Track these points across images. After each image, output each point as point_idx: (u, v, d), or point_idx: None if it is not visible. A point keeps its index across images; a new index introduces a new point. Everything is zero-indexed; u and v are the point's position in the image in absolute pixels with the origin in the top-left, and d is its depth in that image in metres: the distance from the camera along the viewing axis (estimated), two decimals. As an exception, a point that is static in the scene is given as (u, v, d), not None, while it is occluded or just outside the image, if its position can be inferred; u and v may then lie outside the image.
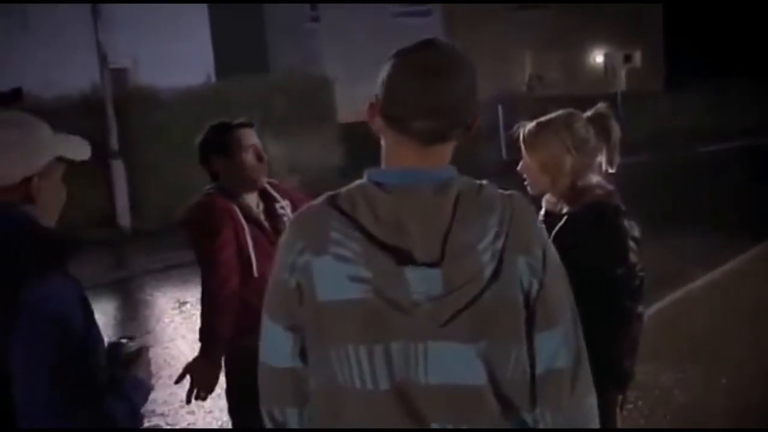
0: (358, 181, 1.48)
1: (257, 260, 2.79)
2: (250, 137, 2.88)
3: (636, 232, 2.35)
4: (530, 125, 2.43)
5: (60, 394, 1.48)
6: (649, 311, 6.21)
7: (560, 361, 1.47)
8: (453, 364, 1.42)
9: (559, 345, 1.47)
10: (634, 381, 4.62)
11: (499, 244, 1.41)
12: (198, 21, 17.01)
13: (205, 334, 2.86)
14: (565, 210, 2.35)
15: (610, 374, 1.50)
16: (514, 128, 2.43)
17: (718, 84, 21.00)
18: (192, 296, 7.29)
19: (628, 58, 22.14)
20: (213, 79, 16.05)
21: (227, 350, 2.90)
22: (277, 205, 2.92)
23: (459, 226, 1.40)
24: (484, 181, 1.49)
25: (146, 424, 4.91)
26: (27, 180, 1.59)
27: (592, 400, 1.54)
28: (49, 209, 1.65)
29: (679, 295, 6.70)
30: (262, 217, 2.91)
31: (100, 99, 11.33)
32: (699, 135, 18.80)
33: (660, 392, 4.64)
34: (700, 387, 4.70)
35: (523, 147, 2.43)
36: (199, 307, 2.96)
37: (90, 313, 1.59)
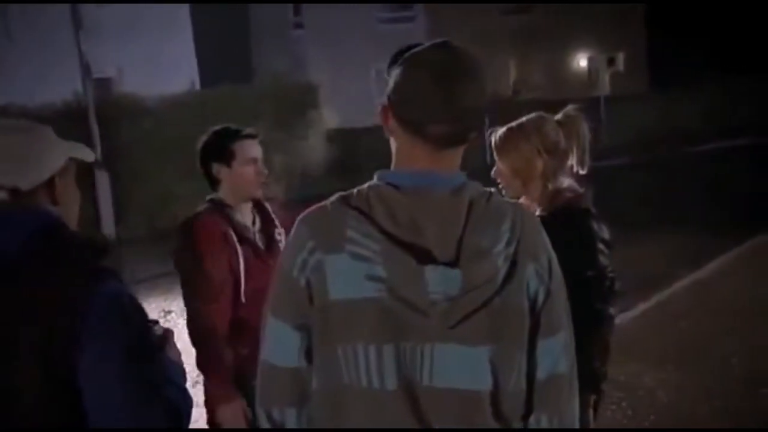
0: (369, 182, 1.48)
1: (247, 282, 2.73)
2: (253, 150, 2.81)
3: (606, 234, 2.37)
4: (501, 130, 2.45)
5: (135, 393, 1.48)
6: (634, 312, 6.26)
7: (561, 367, 1.50)
8: (459, 368, 1.43)
9: (560, 351, 1.50)
10: (618, 382, 4.72)
11: (512, 249, 1.43)
12: (182, 29, 17.00)
13: (210, 375, 2.75)
14: (537, 213, 2.37)
15: (583, 376, 1.53)
16: (487, 134, 2.44)
17: (701, 85, 21.17)
18: (177, 305, 7.26)
19: (611, 62, 22.33)
20: (197, 86, 16.02)
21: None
22: (276, 231, 2.86)
23: (473, 230, 1.42)
24: (492, 189, 1.51)
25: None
26: (50, 181, 1.59)
27: (577, 401, 1.57)
28: (70, 211, 1.65)
29: (664, 296, 6.75)
30: (257, 236, 2.85)
31: (83, 108, 11.30)
32: (683, 137, 18.93)
33: (644, 393, 4.66)
34: (683, 387, 4.73)
35: (495, 152, 2.45)
36: (183, 315, 2.92)
37: (142, 308, 1.59)
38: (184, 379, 1.71)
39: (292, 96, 14.40)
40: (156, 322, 1.74)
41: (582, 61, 23.36)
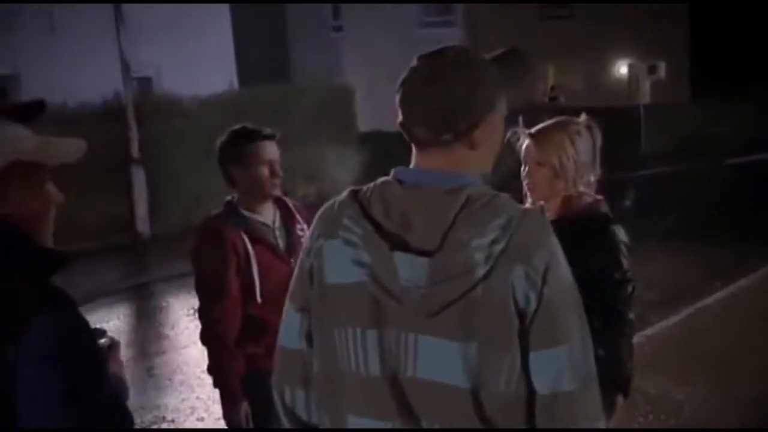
0: (383, 177, 1.54)
1: (263, 284, 2.76)
2: (269, 151, 2.82)
3: (626, 238, 2.36)
4: (540, 129, 2.43)
5: (73, 425, 1.41)
6: (665, 324, 6.18)
7: (567, 384, 1.42)
8: (442, 362, 1.43)
9: (564, 366, 1.42)
10: (648, 394, 4.64)
11: (497, 248, 1.40)
12: (221, 29, 17.16)
13: (217, 377, 2.83)
14: (554, 217, 2.34)
15: (614, 378, 1.50)
16: (509, 134, 2.40)
17: (743, 96, 20.78)
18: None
19: (652, 69, 21.99)
20: (235, 87, 16.16)
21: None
22: (298, 226, 2.87)
23: (459, 225, 1.42)
24: (502, 194, 1.49)
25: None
26: None
27: (599, 427, 1.49)
28: (23, 218, 1.52)
29: (695, 309, 6.63)
30: (276, 234, 2.87)
31: (122, 106, 11.46)
32: (725, 146, 18.60)
33: (671, 405, 4.59)
34: (711, 401, 4.65)
35: (533, 151, 2.42)
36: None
37: (88, 329, 1.51)
38: (127, 395, 1.67)
39: (328, 98, 14.46)
40: (103, 332, 1.70)
41: (622, 69, 23.09)
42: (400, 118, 1.52)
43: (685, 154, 17.88)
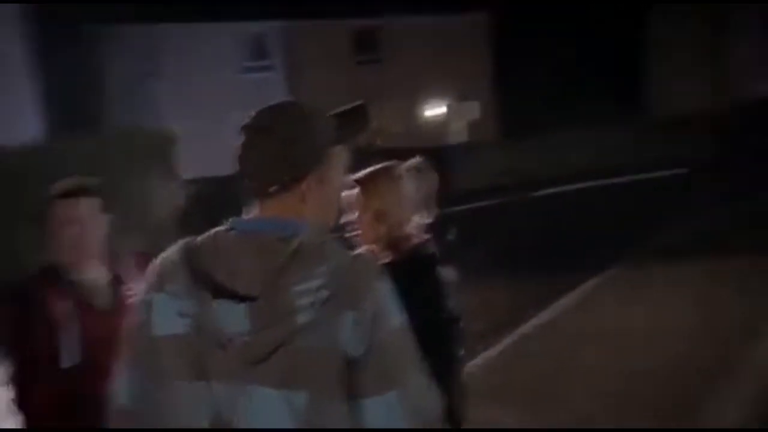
0: (218, 227, 1.53)
1: (82, 348, 2.55)
2: (72, 209, 2.58)
3: (452, 277, 2.44)
4: (363, 174, 2.46)
5: None
6: (490, 354, 6.41)
7: (402, 429, 1.41)
8: (270, 412, 1.40)
9: (396, 412, 1.41)
10: (479, 424, 4.77)
11: (324, 293, 1.39)
12: (26, 75, 16.24)
13: None
14: (386, 260, 2.38)
15: (450, 419, 1.53)
16: None
17: (550, 132, 22.44)
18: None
19: (467, 110, 23.21)
20: (41, 137, 15.28)
21: None
22: (124, 286, 2.67)
23: (286, 271, 1.41)
24: (333, 240, 1.50)
25: None
26: None
27: None
28: None
29: (517, 337, 6.94)
30: (97, 293, 2.67)
31: None
32: (533, 181, 19.86)
33: (503, 434, 4.74)
34: (542, 424, 4.84)
35: (358, 196, 2.45)
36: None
37: None
38: None
39: (145, 145, 14.02)
40: None
41: (438, 110, 24.16)
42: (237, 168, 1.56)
43: (497, 189, 18.92)
